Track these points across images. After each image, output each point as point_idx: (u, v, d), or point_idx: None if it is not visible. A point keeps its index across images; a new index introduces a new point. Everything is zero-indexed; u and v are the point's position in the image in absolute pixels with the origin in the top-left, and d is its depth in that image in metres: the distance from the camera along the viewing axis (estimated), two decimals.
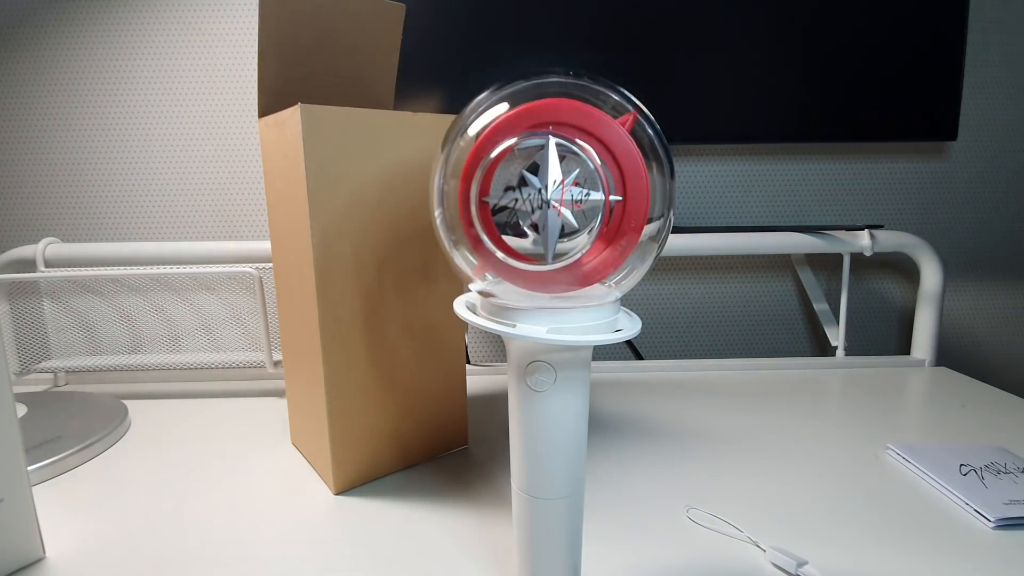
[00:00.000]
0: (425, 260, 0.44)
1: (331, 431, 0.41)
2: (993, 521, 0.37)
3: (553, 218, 0.23)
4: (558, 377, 0.26)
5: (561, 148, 0.23)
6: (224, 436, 0.52)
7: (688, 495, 0.42)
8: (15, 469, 0.33)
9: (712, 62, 0.68)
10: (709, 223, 0.80)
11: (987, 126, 0.78)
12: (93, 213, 0.76)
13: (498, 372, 0.71)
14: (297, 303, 0.43)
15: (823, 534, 0.37)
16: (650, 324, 0.82)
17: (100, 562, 0.35)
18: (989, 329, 0.83)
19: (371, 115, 0.39)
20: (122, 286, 0.71)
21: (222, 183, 0.75)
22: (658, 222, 0.25)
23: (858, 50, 0.68)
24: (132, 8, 0.71)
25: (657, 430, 0.53)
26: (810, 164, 0.78)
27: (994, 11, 0.75)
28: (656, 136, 0.25)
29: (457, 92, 0.67)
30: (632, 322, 0.27)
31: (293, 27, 0.42)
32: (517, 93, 0.25)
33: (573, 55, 0.68)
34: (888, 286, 0.82)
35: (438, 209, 0.26)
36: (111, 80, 0.73)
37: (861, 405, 0.58)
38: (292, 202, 0.40)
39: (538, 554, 0.28)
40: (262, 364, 0.64)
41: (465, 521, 0.39)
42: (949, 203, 0.80)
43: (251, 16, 0.72)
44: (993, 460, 0.45)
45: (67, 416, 0.54)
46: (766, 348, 0.83)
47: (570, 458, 0.27)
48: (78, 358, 0.66)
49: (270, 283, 0.72)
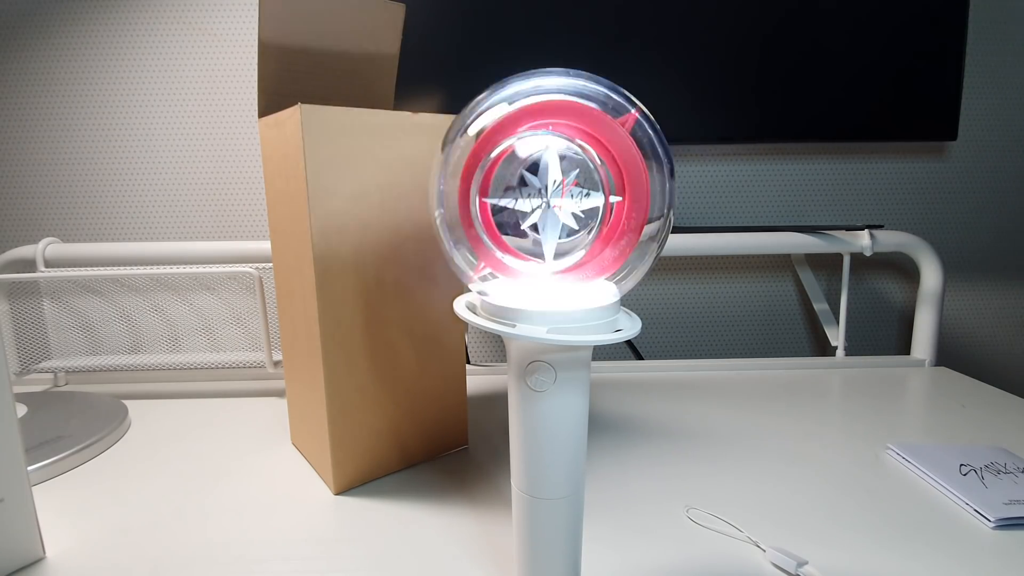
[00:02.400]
0: (425, 260, 0.44)
1: (331, 431, 0.41)
2: (993, 521, 0.37)
3: (553, 218, 0.23)
4: (558, 377, 0.26)
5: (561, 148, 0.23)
6: (224, 436, 0.52)
7: (688, 495, 0.42)
8: (15, 469, 0.33)
9: (712, 62, 0.68)
10: (709, 223, 0.80)
11: (987, 126, 0.78)
12: (93, 213, 0.76)
13: (498, 372, 0.70)
14: (297, 303, 0.43)
15: (823, 534, 0.37)
16: (650, 324, 0.82)
17: (100, 562, 0.35)
18: (989, 329, 0.83)
19: (371, 115, 0.39)
20: (122, 286, 0.71)
21: (222, 183, 0.75)
22: (658, 222, 0.25)
23: (858, 50, 0.68)
24: (132, 8, 0.71)
25: (657, 430, 0.53)
26: (810, 164, 0.78)
27: (994, 11, 0.75)
28: (656, 136, 0.25)
29: (457, 92, 0.67)
30: (632, 322, 0.27)
31: (293, 27, 0.42)
32: (517, 93, 0.25)
33: (573, 55, 0.68)
34: (888, 286, 0.82)
35: (438, 209, 0.26)
36: (111, 80, 0.73)
37: (861, 405, 0.58)
38: (292, 202, 0.40)
39: (538, 554, 0.28)
40: (262, 364, 0.64)
41: (465, 521, 0.39)
42: (949, 203, 0.80)
43: (251, 16, 0.72)
44: (993, 460, 0.44)
45: (67, 416, 0.54)
46: (766, 348, 0.83)
47: (570, 458, 0.27)
48: (78, 358, 0.66)
49: (270, 283, 0.72)
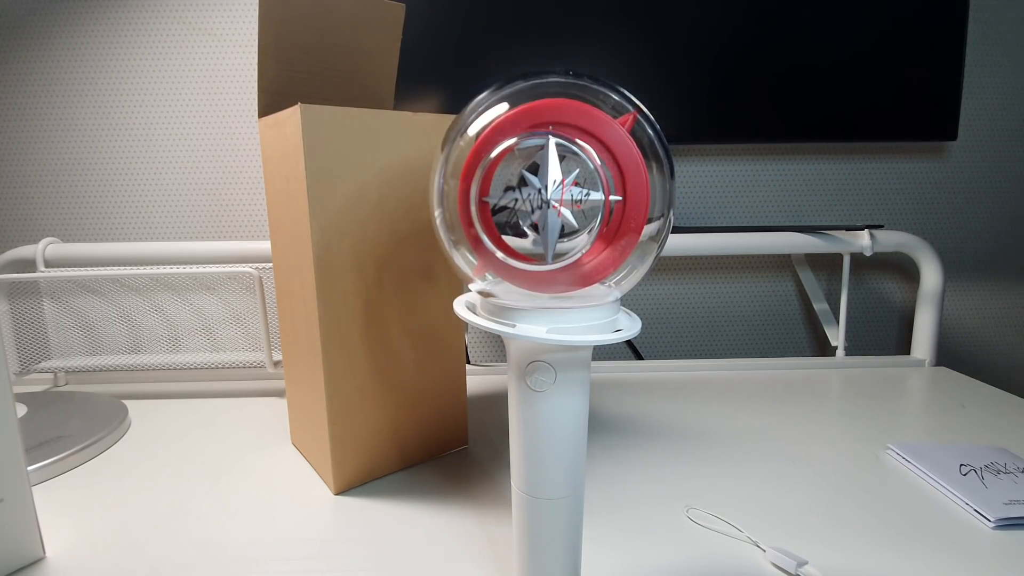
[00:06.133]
0: (425, 260, 0.44)
1: (331, 431, 0.41)
2: (993, 521, 0.37)
3: (553, 218, 0.23)
4: (558, 377, 0.26)
5: (561, 148, 0.23)
6: (224, 436, 0.52)
7: (688, 495, 0.42)
8: (15, 469, 0.33)
9: (712, 62, 0.68)
10: (709, 223, 0.80)
11: (987, 126, 0.78)
12: (93, 213, 0.76)
13: (498, 372, 0.70)
14: (297, 303, 0.43)
15: (823, 534, 0.37)
16: (650, 324, 0.82)
17: (100, 562, 0.35)
18: (989, 329, 0.83)
19: (371, 115, 0.39)
20: (122, 286, 0.71)
21: (222, 183, 0.75)
22: (658, 222, 0.25)
23: (858, 50, 0.68)
24: (132, 8, 0.71)
25: (657, 430, 0.53)
26: (810, 164, 0.78)
27: (994, 11, 0.75)
28: (656, 136, 0.25)
29: (457, 92, 0.67)
30: (632, 322, 0.27)
31: (293, 27, 0.42)
32: (517, 93, 0.25)
33: (573, 54, 0.68)
34: (888, 286, 0.82)
35: (438, 209, 0.26)
36: (111, 80, 0.73)
37: (861, 405, 0.58)
38: (292, 202, 0.40)
39: (538, 554, 0.28)
40: (262, 364, 0.64)
41: (465, 521, 0.39)
42: (949, 203, 0.80)
43: (251, 16, 0.72)
44: (993, 460, 0.44)
45: (67, 416, 0.54)
46: (766, 348, 0.83)
47: (570, 458, 0.27)
48: (78, 358, 0.66)
49: (270, 283, 0.72)
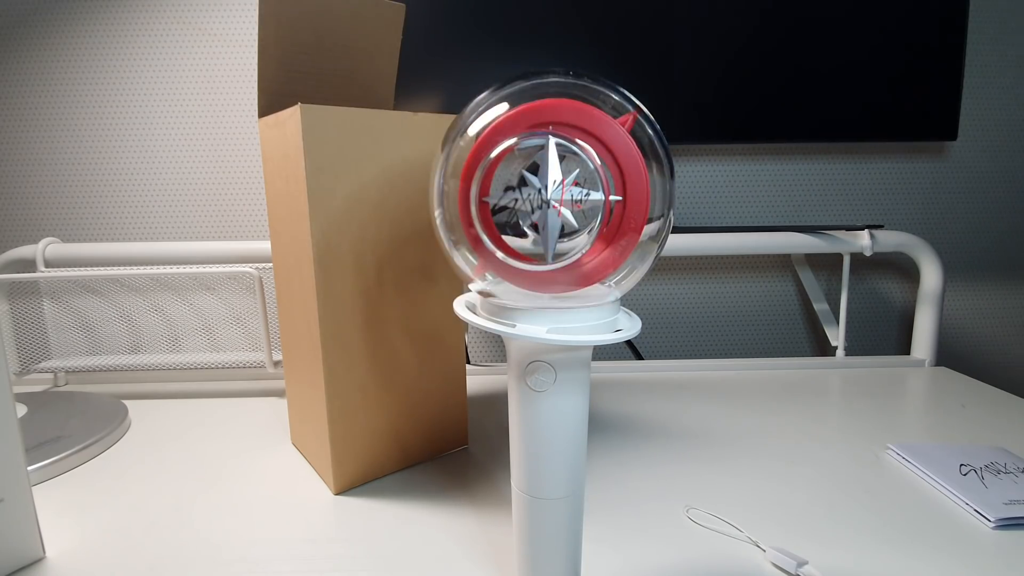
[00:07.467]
0: (425, 260, 0.44)
1: (331, 431, 0.41)
2: (993, 521, 0.37)
3: (553, 218, 0.23)
4: (558, 377, 0.26)
5: (561, 148, 0.23)
6: (224, 436, 0.52)
7: (688, 495, 0.42)
8: (15, 469, 0.33)
9: (712, 61, 0.68)
10: (709, 223, 0.80)
11: (987, 126, 0.78)
12: (93, 213, 0.76)
13: (498, 372, 0.70)
14: (297, 303, 0.43)
15: (823, 534, 0.37)
16: (650, 324, 0.82)
17: (100, 562, 0.35)
18: (989, 329, 0.83)
19: (371, 115, 0.39)
20: (122, 286, 0.71)
21: (222, 183, 0.75)
22: (658, 222, 0.25)
23: (859, 50, 0.68)
24: (132, 8, 0.71)
25: (657, 430, 0.53)
26: (810, 164, 0.78)
27: (994, 11, 0.75)
28: (656, 136, 0.25)
29: (457, 92, 0.67)
30: (632, 322, 0.27)
31: (293, 27, 0.42)
32: (517, 93, 0.25)
33: (573, 54, 0.68)
34: (888, 286, 0.82)
35: (438, 209, 0.26)
36: (111, 80, 0.73)
37: (861, 405, 0.58)
38: (292, 202, 0.40)
39: (538, 554, 0.28)
40: (262, 364, 0.64)
41: (465, 521, 0.39)
42: (949, 203, 0.80)
43: (251, 16, 0.72)
44: (993, 460, 0.44)
45: (67, 416, 0.54)
46: (766, 348, 0.83)
47: (570, 458, 0.27)
48: (78, 358, 0.66)
49: (270, 283, 0.72)
